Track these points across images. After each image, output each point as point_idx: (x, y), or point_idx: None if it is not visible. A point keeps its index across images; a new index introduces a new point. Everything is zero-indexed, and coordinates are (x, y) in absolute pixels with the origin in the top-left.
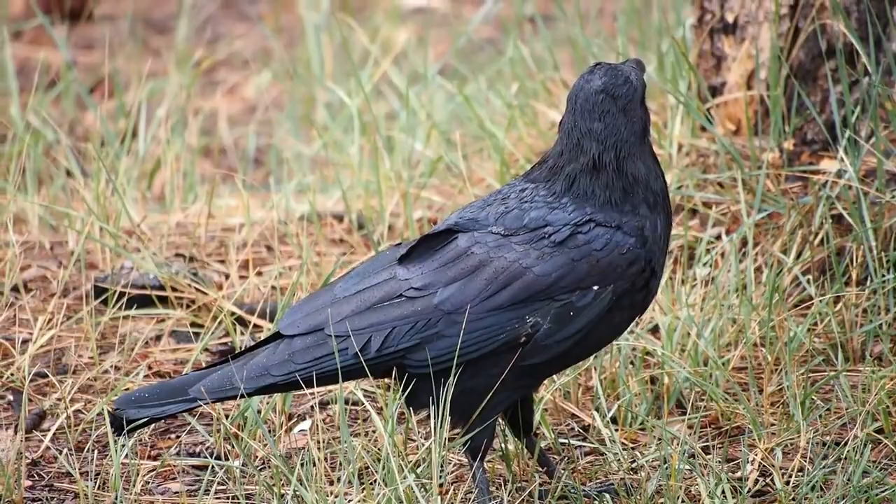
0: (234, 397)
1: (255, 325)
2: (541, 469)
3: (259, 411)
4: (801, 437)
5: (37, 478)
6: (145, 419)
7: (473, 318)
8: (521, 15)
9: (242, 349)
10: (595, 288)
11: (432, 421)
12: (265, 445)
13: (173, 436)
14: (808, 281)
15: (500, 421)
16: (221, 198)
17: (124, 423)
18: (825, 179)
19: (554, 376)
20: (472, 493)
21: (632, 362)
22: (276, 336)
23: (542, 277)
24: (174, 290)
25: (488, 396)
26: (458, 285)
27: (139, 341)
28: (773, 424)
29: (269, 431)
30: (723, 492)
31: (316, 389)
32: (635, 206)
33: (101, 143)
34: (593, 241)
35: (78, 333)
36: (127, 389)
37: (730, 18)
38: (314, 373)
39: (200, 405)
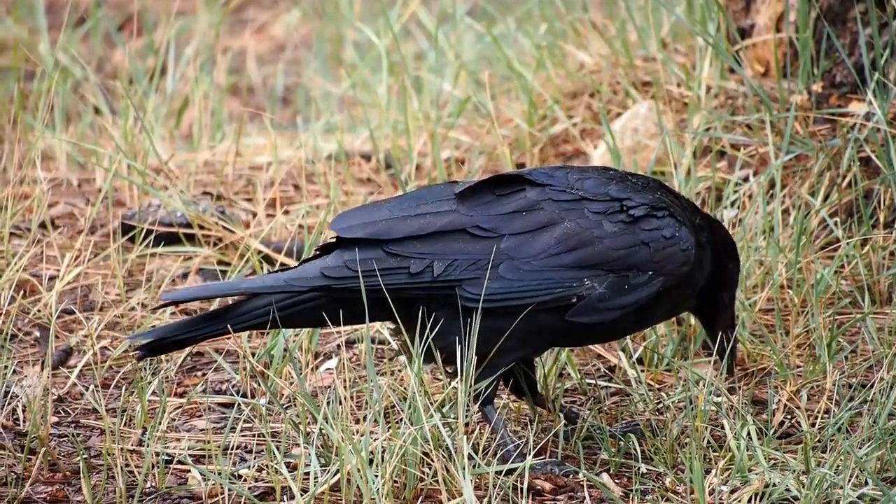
0: (286, 292)
1: (282, 264)
2: (562, 416)
3: (285, 349)
4: (827, 379)
5: (63, 414)
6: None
7: (536, 268)
8: None
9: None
10: (650, 273)
11: (458, 360)
12: (291, 383)
13: (199, 373)
14: (835, 223)
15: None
16: (249, 136)
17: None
18: (853, 122)
19: None
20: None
21: None
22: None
23: (611, 251)
24: (201, 227)
25: (510, 345)
26: (525, 237)
27: (166, 279)
28: (799, 366)
29: (296, 370)
30: (748, 433)
31: (343, 328)
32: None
33: (130, 80)
34: (664, 228)
35: (105, 270)
36: (154, 327)
37: None
38: (366, 284)
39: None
